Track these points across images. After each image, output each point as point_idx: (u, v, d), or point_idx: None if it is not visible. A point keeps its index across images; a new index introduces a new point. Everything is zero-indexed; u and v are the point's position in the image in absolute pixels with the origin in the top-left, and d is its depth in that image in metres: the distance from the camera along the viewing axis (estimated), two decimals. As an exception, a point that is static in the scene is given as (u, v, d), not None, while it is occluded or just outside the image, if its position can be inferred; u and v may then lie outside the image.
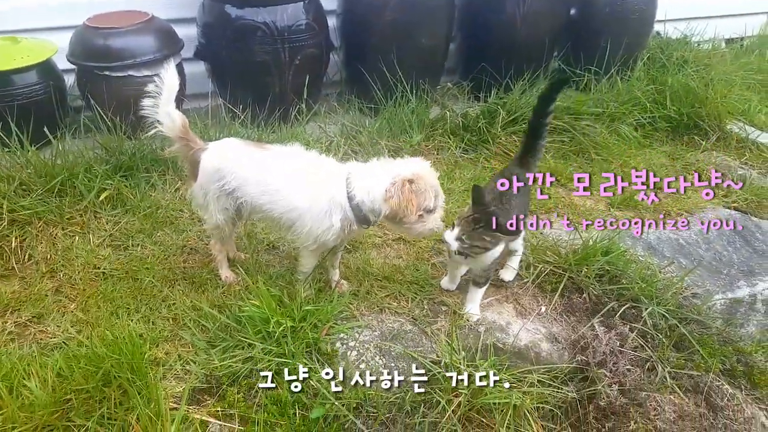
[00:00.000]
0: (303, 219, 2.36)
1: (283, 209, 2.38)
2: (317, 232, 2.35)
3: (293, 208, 2.37)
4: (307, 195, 2.35)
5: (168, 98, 2.44)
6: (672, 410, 2.27)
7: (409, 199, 2.23)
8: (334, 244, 2.48)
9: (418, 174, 2.27)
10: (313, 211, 2.33)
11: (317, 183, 2.36)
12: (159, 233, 3.04)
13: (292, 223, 2.40)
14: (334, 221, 2.33)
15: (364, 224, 2.38)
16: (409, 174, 2.26)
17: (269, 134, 3.83)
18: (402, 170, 2.28)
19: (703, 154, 4.14)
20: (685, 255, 3.12)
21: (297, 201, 2.36)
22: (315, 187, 2.35)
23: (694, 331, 2.59)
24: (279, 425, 2.06)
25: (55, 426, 2.01)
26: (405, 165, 2.33)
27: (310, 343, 2.30)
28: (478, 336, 2.46)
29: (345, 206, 2.32)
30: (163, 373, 2.25)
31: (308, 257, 2.52)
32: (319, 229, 2.34)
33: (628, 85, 4.61)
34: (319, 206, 2.33)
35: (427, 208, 2.29)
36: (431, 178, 2.31)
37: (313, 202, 2.33)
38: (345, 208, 2.33)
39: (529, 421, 2.21)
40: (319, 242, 2.39)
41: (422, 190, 2.25)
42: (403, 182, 2.24)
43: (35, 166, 3.17)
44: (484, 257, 2.40)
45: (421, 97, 4.15)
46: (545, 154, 3.93)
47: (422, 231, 2.36)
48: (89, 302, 2.60)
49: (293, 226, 2.40)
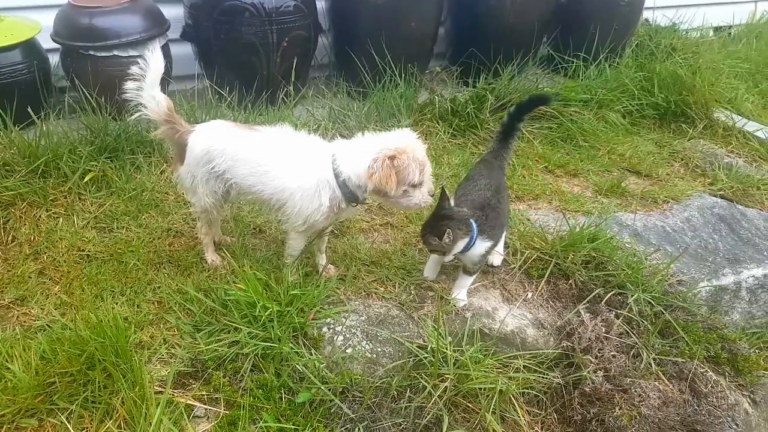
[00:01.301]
0: (293, 199, 2.34)
1: (272, 190, 2.36)
2: (307, 212, 2.33)
3: (283, 189, 2.35)
4: (296, 175, 2.33)
5: (153, 81, 2.40)
6: (656, 396, 2.29)
7: (388, 175, 2.20)
8: (324, 225, 2.46)
9: (401, 149, 2.24)
10: (303, 191, 2.32)
11: (306, 162, 2.34)
12: (144, 216, 3.01)
13: (282, 204, 2.38)
14: (323, 200, 2.31)
15: (353, 202, 2.37)
16: (392, 150, 2.23)
17: (256, 117, 3.79)
18: (386, 145, 2.25)
19: (690, 141, 4.16)
20: (671, 242, 3.15)
21: (286, 181, 2.34)
22: (304, 167, 2.34)
23: (679, 318, 2.62)
24: (265, 409, 2.06)
25: (38, 409, 1.99)
26: (389, 139, 2.30)
27: (296, 327, 2.30)
28: (465, 321, 2.47)
29: (333, 184, 2.31)
30: (148, 357, 2.24)
31: (296, 239, 2.50)
32: (309, 209, 2.33)
33: (617, 72, 4.62)
34: (308, 186, 2.31)
35: (411, 183, 2.27)
36: (416, 152, 2.27)
37: (302, 182, 2.32)
38: (333, 186, 2.31)
39: (515, 406, 2.23)
40: (309, 222, 2.38)
41: (404, 165, 2.22)
42: (384, 158, 2.21)
43: (19, 147, 3.12)
44: (470, 253, 2.41)
45: (409, 81, 4.12)
46: (533, 141, 3.94)
47: (409, 205, 2.36)
48: (73, 284, 2.58)
49: (283, 207, 2.38)
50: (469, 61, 4.48)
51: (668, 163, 3.96)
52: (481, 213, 2.41)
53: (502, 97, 4.02)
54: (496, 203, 2.49)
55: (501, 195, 2.55)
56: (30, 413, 1.99)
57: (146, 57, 2.37)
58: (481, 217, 2.41)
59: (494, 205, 2.47)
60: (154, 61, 2.37)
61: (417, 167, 2.25)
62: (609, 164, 3.84)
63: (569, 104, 4.15)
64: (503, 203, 2.55)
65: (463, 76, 4.66)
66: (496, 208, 2.47)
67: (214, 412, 2.09)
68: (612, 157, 3.92)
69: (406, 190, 2.28)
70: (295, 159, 2.36)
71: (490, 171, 2.65)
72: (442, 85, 4.64)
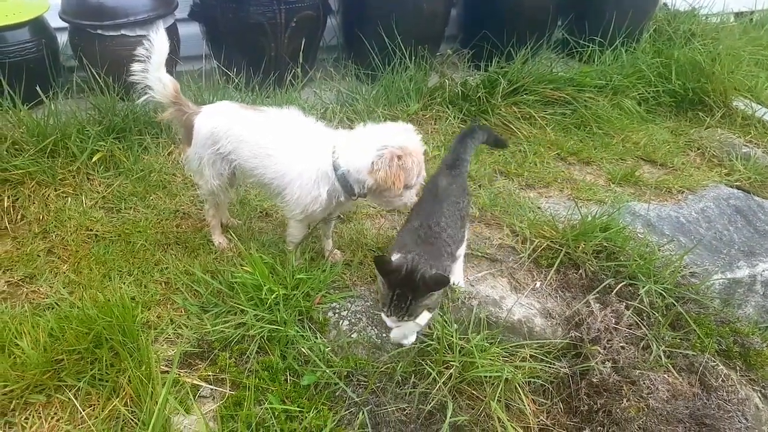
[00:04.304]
0: (292, 187, 2.31)
1: (273, 174, 2.34)
2: (305, 201, 2.30)
3: (283, 174, 2.32)
4: (297, 162, 2.29)
5: (158, 63, 2.37)
6: (665, 389, 2.26)
7: (397, 174, 2.14)
8: (323, 216, 2.42)
9: (406, 149, 2.16)
10: (302, 180, 2.28)
11: (307, 151, 2.30)
12: (152, 197, 3.00)
13: (281, 189, 2.35)
14: (321, 191, 2.27)
15: (351, 195, 2.31)
16: (398, 149, 2.15)
17: (263, 99, 3.76)
18: (389, 141, 2.17)
19: (707, 130, 4.08)
20: (685, 233, 3.10)
21: (287, 167, 2.31)
22: (305, 155, 2.29)
23: (691, 311, 2.58)
24: (270, 391, 2.06)
25: (46, 385, 2.01)
26: (392, 135, 2.21)
27: (302, 311, 2.29)
28: (471, 310, 2.44)
29: (331, 176, 2.26)
30: (155, 336, 2.24)
31: (296, 227, 2.47)
32: (306, 199, 2.29)
33: (633, 57, 4.52)
34: (308, 175, 2.27)
35: (408, 184, 2.20)
36: (418, 155, 2.21)
37: (301, 170, 2.28)
38: (331, 179, 2.26)
39: (520, 395, 2.21)
40: (307, 212, 2.34)
41: (409, 167, 2.16)
42: (392, 156, 2.13)
43: (27, 126, 3.12)
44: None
45: (419, 64, 4.06)
46: (545, 127, 3.88)
47: (398, 205, 2.32)
48: (81, 264, 2.58)
49: (282, 193, 2.36)
50: (482, 44, 4.40)
51: (684, 152, 3.89)
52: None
53: (514, 81, 3.94)
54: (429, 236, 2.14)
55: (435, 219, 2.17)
56: (38, 389, 2.01)
57: (151, 38, 2.34)
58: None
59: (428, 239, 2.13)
60: (158, 42, 2.34)
61: (416, 169, 2.19)
62: (623, 152, 3.77)
63: (583, 90, 4.08)
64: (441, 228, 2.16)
65: (474, 60, 4.59)
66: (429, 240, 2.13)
67: (220, 392, 2.09)
68: (626, 145, 3.85)
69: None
70: (297, 145, 2.31)
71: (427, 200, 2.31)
72: (453, 68, 4.57)
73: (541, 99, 3.98)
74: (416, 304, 1.94)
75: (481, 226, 2.96)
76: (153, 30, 2.38)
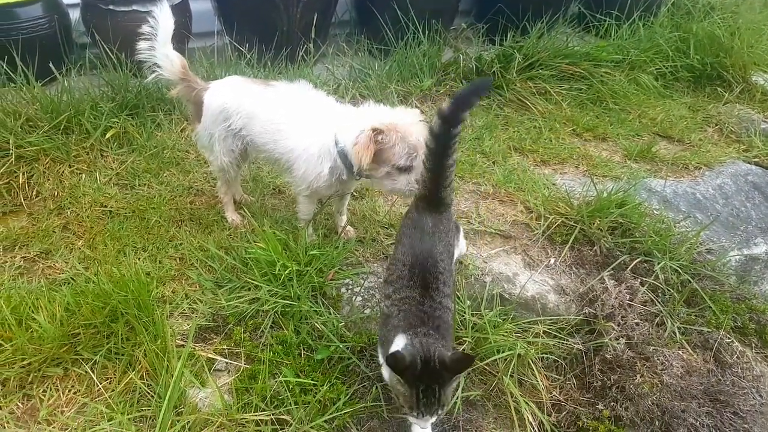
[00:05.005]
0: (298, 162, 2.29)
1: (282, 149, 2.32)
2: (309, 177, 2.28)
3: (291, 150, 2.30)
4: (303, 137, 2.27)
5: (164, 40, 2.36)
6: (679, 365, 2.25)
7: (365, 147, 2.03)
8: (329, 193, 2.40)
9: (391, 126, 2.06)
10: (307, 155, 2.26)
11: (313, 126, 2.26)
12: (165, 173, 3.01)
13: (290, 165, 2.33)
14: (324, 168, 2.24)
15: (352, 173, 2.24)
16: (382, 124, 2.05)
17: (275, 75, 3.72)
18: (380, 118, 2.10)
19: (725, 106, 4.00)
20: (701, 210, 3.05)
21: (295, 143, 2.28)
22: (311, 130, 2.26)
23: (706, 287, 2.56)
24: (284, 364, 2.07)
25: (63, 358, 2.04)
26: (387, 113, 2.15)
27: (315, 287, 2.30)
28: (484, 286, 2.44)
29: (333, 152, 2.22)
30: (170, 311, 2.26)
31: (304, 203, 2.46)
32: (311, 175, 2.27)
33: (651, 31, 4.43)
34: (312, 151, 2.25)
35: (397, 165, 2.10)
36: (411, 135, 2.08)
37: (307, 146, 2.25)
38: (333, 155, 2.23)
39: (533, 371, 2.21)
40: (312, 188, 2.32)
41: (390, 144, 2.06)
42: (370, 130, 2.05)
43: (41, 103, 3.12)
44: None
45: (433, 39, 4.00)
46: (561, 103, 3.82)
47: (393, 189, 2.20)
48: (96, 239, 2.60)
49: (290, 169, 2.34)
50: (496, 18, 4.34)
51: (701, 128, 3.82)
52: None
53: (530, 56, 3.88)
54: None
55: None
56: (56, 362, 2.04)
57: (155, 15, 2.32)
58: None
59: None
60: (162, 19, 2.32)
61: (405, 150, 2.07)
62: (639, 128, 3.71)
63: (600, 65, 4.01)
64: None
65: (489, 34, 4.52)
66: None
67: (235, 365, 2.11)
68: (643, 121, 3.79)
69: (390, 172, 2.13)
70: (305, 120, 2.28)
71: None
72: (467, 43, 4.50)
73: (556, 74, 3.92)
74: (445, 392, 1.67)
75: (494, 203, 2.94)
76: (158, 6, 2.35)
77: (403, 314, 1.80)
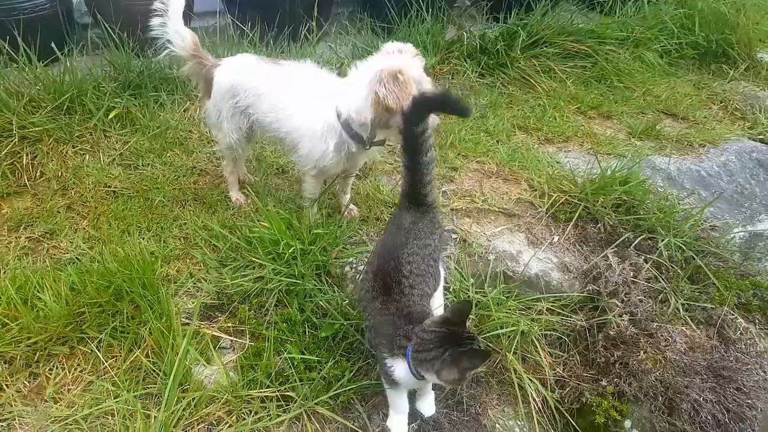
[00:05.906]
0: (303, 141, 2.28)
1: (288, 129, 2.31)
2: (315, 156, 2.28)
3: (296, 129, 2.29)
4: (307, 116, 2.26)
5: (175, 16, 2.34)
6: (683, 341, 2.26)
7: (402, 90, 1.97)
8: (337, 171, 2.40)
9: (400, 68, 2.01)
10: (311, 133, 2.25)
11: (316, 103, 2.25)
12: (169, 153, 3.00)
13: (295, 144, 2.33)
14: (329, 145, 2.23)
15: (361, 144, 2.24)
16: (394, 68, 2.00)
17: (278, 54, 3.70)
18: (380, 67, 2.04)
19: (730, 83, 3.96)
20: (705, 187, 3.04)
21: (300, 122, 2.28)
22: (314, 108, 2.25)
23: (710, 264, 2.55)
24: (289, 342, 2.09)
25: (69, 337, 2.05)
26: (381, 61, 2.09)
27: (319, 265, 2.31)
28: (488, 264, 2.44)
29: (337, 128, 2.21)
30: (175, 290, 2.27)
31: (310, 182, 2.46)
32: (316, 153, 2.27)
33: (656, 8, 4.37)
34: (315, 129, 2.24)
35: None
36: (412, 70, 2.04)
37: (311, 124, 2.25)
38: (337, 130, 2.21)
39: (537, 347, 2.22)
40: (319, 167, 2.32)
41: (405, 85, 2.00)
42: (388, 77, 1.98)
43: (44, 83, 3.11)
44: None
45: (436, 16, 3.96)
46: (565, 81, 3.78)
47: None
48: (101, 219, 2.61)
49: (296, 148, 2.34)
50: (501, -5, 4.28)
51: (706, 105, 3.79)
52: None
53: (534, 33, 3.84)
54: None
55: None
56: (61, 341, 2.05)
57: None
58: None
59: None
60: None
61: (416, 89, 2.04)
62: (644, 106, 3.69)
63: (604, 42, 3.97)
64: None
65: (493, 12, 4.47)
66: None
67: (240, 343, 2.13)
68: (647, 99, 3.76)
69: None
70: (309, 99, 2.27)
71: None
72: (471, 20, 4.45)
73: (561, 52, 3.88)
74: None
75: (498, 181, 2.93)
76: None
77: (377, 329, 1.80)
